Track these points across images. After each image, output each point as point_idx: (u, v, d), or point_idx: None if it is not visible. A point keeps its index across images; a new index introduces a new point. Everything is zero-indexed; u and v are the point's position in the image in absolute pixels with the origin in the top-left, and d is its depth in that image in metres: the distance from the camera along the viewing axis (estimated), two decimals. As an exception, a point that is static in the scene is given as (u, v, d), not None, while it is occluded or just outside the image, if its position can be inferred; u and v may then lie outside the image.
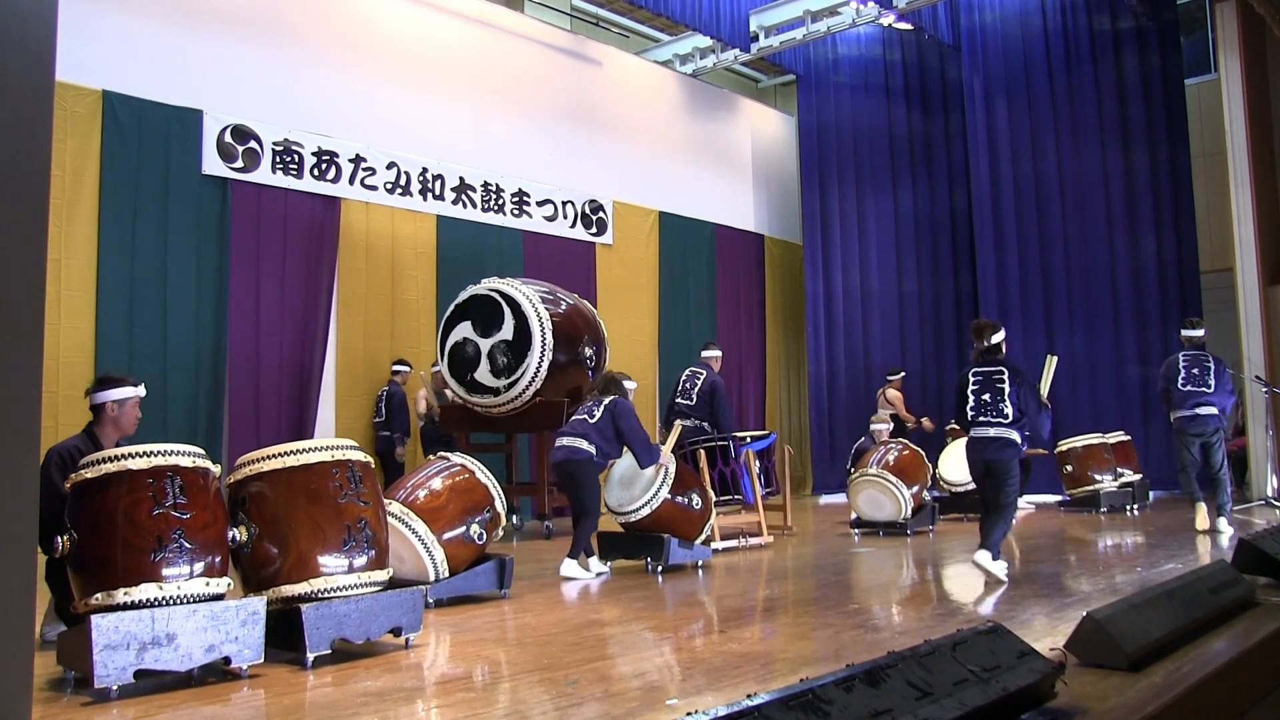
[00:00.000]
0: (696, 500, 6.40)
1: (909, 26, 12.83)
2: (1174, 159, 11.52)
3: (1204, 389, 7.56)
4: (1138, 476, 10.03)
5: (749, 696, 2.17)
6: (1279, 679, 3.88)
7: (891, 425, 10.02)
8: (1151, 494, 10.48)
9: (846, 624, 4.39)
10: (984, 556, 5.59)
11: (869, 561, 6.83)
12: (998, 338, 5.89)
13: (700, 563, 6.39)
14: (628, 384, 6.68)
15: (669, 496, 6.15)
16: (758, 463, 7.95)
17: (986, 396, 5.74)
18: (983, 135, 12.44)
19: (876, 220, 13.47)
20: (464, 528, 4.99)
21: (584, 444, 6.06)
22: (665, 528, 6.20)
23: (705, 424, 8.05)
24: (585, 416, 6.19)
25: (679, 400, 8.29)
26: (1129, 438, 10.28)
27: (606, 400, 6.25)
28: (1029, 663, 2.88)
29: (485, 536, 5.09)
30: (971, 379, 5.84)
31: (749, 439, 8.34)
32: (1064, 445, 9.94)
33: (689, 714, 2.10)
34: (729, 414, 8.24)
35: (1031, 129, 12.22)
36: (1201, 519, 7.59)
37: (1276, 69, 11.52)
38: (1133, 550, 7.10)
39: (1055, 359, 6.19)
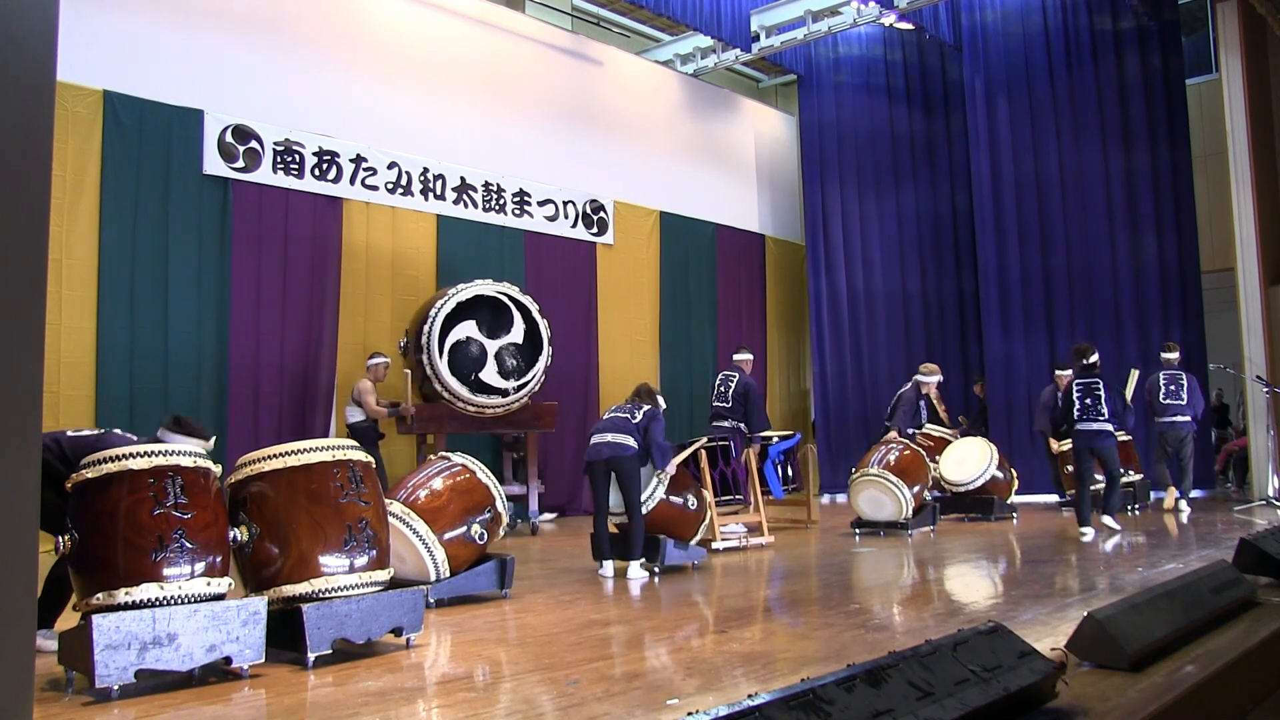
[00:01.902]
0: (692, 501, 6.40)
1: (910, 26, 12.81)
2: (1175, 159, 11.51)
3: (1179, 402, 9.47)
4: (1139, 476, 10.03)
5: (750, 696, 2.17)
6: (1280, 679, 3.88)
7: (940, 379, 9.80)
8: (1152, 494, 10.47)
9: (847, 624, 4.39)
10: (1110, 520, 7.92)
11: (869, 561, 6.83)
12: (1094, 358, 7.92)
13: (696, 563, 6.40)
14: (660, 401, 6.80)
15: (664, 497, 6.17)
16: (781, 460, 8.60)
17: (1089, 401, 7.80)
18: (984, 135, 12.43)
19: (878, 220, 13.46)
20: (465, 528, 5.00)
21: (630, 440, 6.13)
22: (661, 528, 6.21)
23: (741, 424, 8.56)
24: (627, 416, 6.27)
25: (715, 403, 8.88)
26: (1130, 438, 10.27)
27: (646, 407, 6.35)
28: (1030, 663, 2.88)
29: (486, 536, 5.09)
30: (1075, 389, 7.88)
31: (776, 439, 8.78)
32: (1066, 445, 9.92)
33: (690, 714, 2.10)
34: (762, 415, 8.84)
35: (1033, 129, 12.21)
36: (1169, 500, 9.53)
37: (1278, 69, 11.52)
38: (1133, 550, 7.09)
39: (1137, 371, 9.05)
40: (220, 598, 3.47)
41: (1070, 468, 9.80)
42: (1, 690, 1.45)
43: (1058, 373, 10.04)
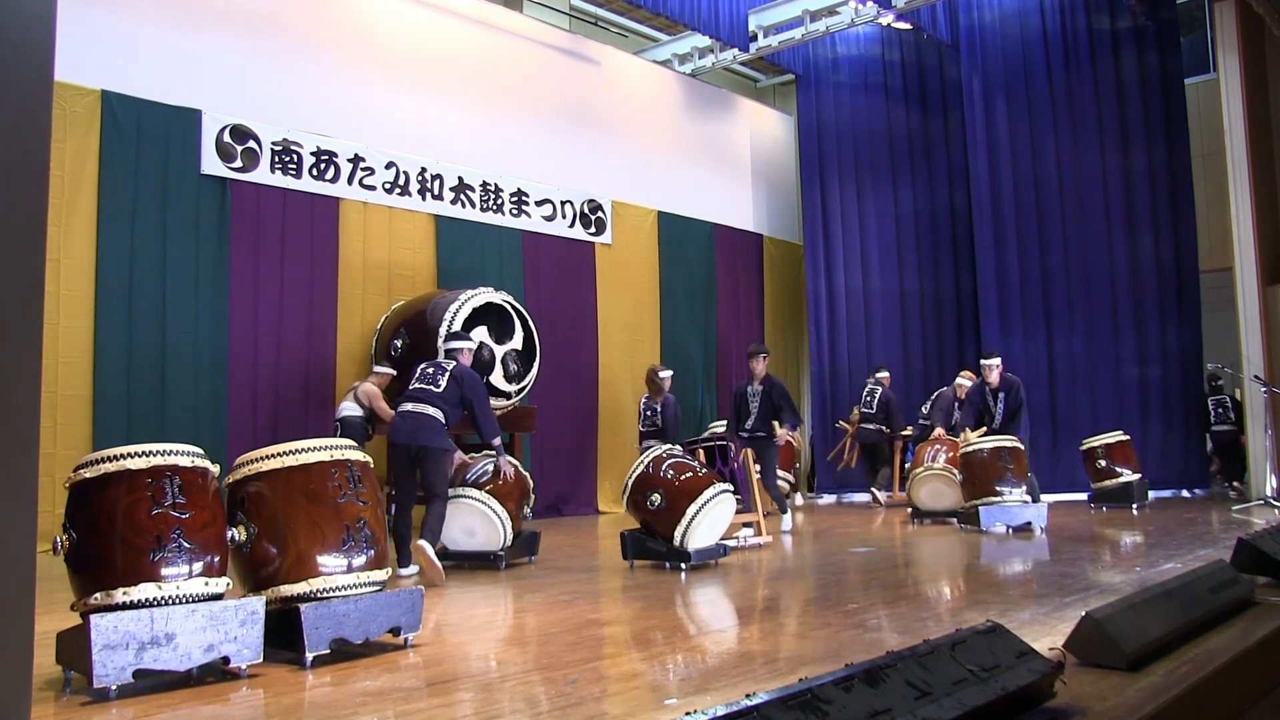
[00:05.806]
0: (655, 499, 6.28)
1: (908, 26, 12.83)
2: (1173, 158, 11.53)
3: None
4: (1137, 476, 10.03)
5: (748, 696, 2.16)
6: (1278, 679, 3.88)
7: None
8: (1151, 494, 10.48)
9: (845, 623, 4.39)
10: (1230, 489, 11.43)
11: (868, 561, 6.83)
12: (1221, 381, 11.43)
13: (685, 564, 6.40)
14: (663, 374, 8.77)
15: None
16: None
17: (1220, 410, 11.39)
18: (982, 135, 12.44)
19: (876, 220, 13.47)
20: (521, 507, 6.47)
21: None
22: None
23: (884, 427, 10.81)
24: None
25: (863, 409, 10.99)
26: (1128, 437, 10.28)
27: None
28: (1028, 662, 2.88)
29: (530, 515, 6.66)
30: (1211, 402, 11.43)
31: (911, 438, 10.96)
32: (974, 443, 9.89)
33: (688, 714, 2.10)
34: (900, 419, 11.03)
35: (1031, 128, 12.22)
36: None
37: (1275, 68, 11.52)
38: (1132, 550, 7.10)
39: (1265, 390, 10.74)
40: (218, 597, 3.47)
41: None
42: (1, 690, 1.45)
43: (984, 362, 9.15)
